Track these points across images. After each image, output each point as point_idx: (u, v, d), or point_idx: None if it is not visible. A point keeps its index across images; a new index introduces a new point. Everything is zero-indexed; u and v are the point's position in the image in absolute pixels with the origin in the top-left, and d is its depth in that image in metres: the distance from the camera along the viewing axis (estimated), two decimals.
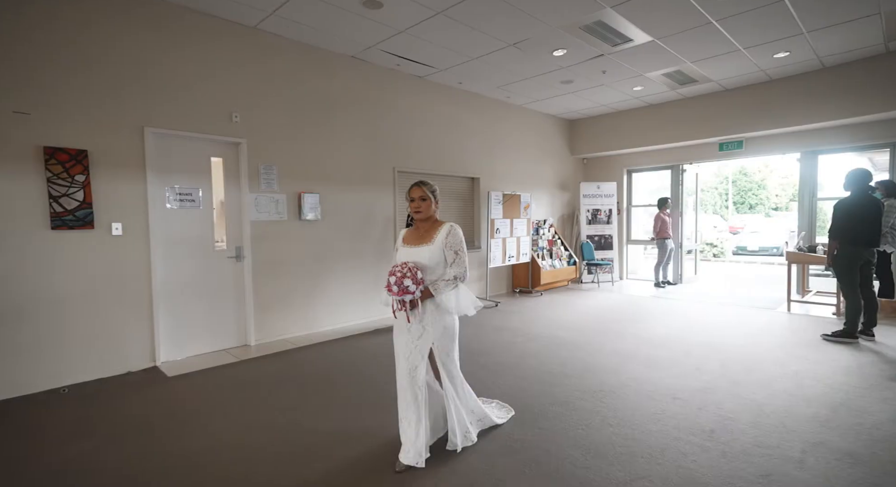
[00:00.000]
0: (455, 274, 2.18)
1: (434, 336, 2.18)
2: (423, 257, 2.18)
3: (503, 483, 1.99)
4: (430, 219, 2.28)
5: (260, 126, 4.28)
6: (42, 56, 3.15)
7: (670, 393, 2.96)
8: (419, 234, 2.26)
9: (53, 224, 3.20)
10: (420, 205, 2.23)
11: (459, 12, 3.92)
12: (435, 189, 2.29)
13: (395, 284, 2.08)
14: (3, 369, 3.03)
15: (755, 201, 25.72)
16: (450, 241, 2.19)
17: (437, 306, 2.16)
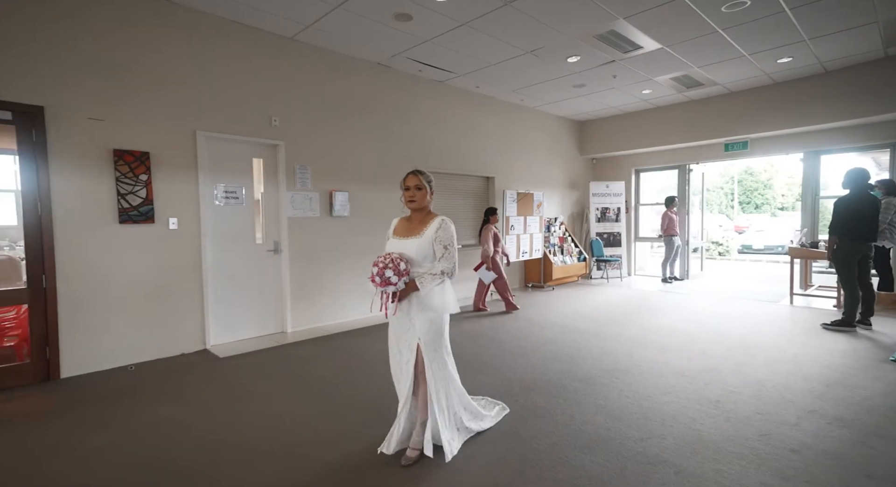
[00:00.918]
0: (443, 269, 2.10)
1: (420, 331, 2.10)
2: (411, 249, 2.11)
3: (536, 441, 2.30)
4: (424, 209, 2.21)
5: (296, 129, 4.62)
6: (114, 70, 3.50)
7: (679, 372, 3.26)
8: (410, 226, 2.20)
9: (121, 219, 3.55)
10: (415, 193, 2.15)
11: (482, 23, 4.23)
12: (431, 179, 2.22)
13: (378, 275, 2.01)
14: (81, 347, 3.39)
15: (761, 201, 25.83)
16: (440, 235, 2.11)
17: (421, 300, 2.10)
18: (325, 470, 2.05)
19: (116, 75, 3.52)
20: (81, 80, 3.36)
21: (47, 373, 3.27)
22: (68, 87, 3.31)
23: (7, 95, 3.06)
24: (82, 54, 3.36)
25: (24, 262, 5.08)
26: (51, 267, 3.26)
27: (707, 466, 2.04)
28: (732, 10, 4.01)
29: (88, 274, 3.42)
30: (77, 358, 3.38)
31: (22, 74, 3.13)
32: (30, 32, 3.15)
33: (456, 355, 3.71)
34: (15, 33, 3.09)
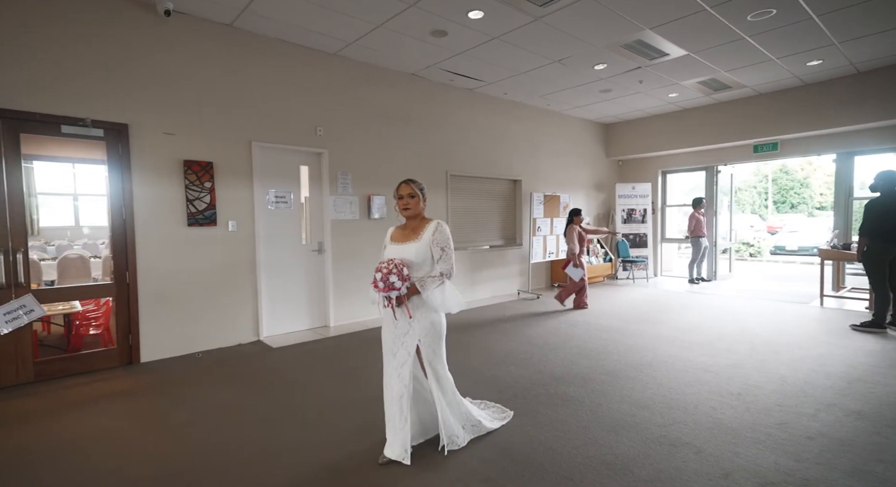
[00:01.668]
0: (442, 271, 2.16)
1: (420, 333, 2.16)
2: (410, 254, 2.17)
3: (566, 424, 2.54)
4: (418, 216, 2.27)
5: (338, 137, 4.98)
6: (184, 90, 3.93)
7: (703, 367, 3.43)
8: (406, 232, 2.26)
9: (189, 222, 3.98)
10: (409, 202, 2.22)
11: (512, 37, 4.48)
12: (423, 186, 2.29)
13: (381, 280, 2.06)
14: (156, 335, 3.83)
15: (797, 200, 24.93)
16: (436, 238, 2.17)
17: (423, 303, 2.16)
18: (359, 451, 2.35)
19: (185, 94, 3.95)
20: (158, 99, 3.80)
21: (130, 358, 3.73)
22: (147, 107, 3.75)
23: (99, 115, 3.52)
24: (160, 77, 3.80)
25: (92, 260, 5.65)
26: (132, 264, 3.71)
27: (725, 448, 2.24)
28: (758, 18, 4.12)
29: (162, 270, 3.86)
30: (154, 345, 3.82)
31: (111, 96, 3.58)
32: (119, 60, 3.60)
33: (487, 348, 4.01)
34: (106, 61, 3.55)
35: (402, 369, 2.17)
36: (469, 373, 3.38)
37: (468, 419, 2.34)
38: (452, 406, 2.28)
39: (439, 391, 2.22)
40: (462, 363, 3.63)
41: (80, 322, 4.01)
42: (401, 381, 2.16)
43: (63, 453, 2.31)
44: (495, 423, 2.48)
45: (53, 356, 3.52)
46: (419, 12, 3.92)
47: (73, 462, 2.22)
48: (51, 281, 4.45)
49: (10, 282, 3.22)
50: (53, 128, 3.35)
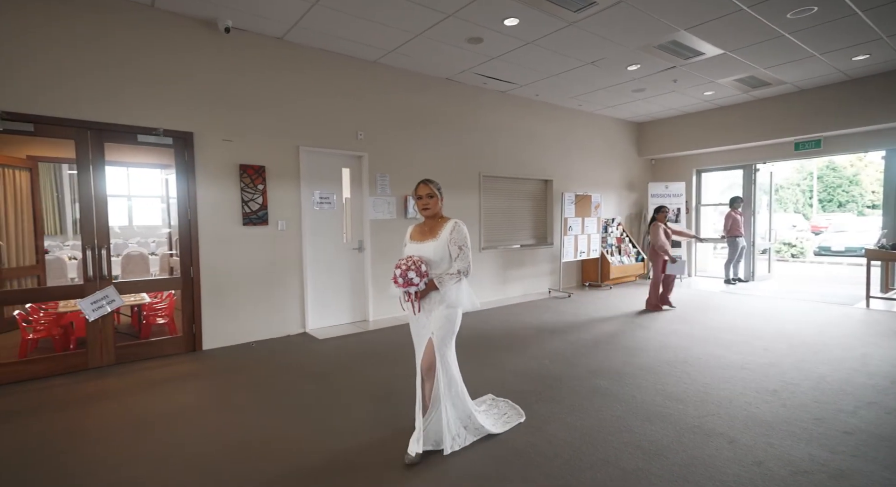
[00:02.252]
0: (459, 269, 2.22)
1: (434, 326, 2.23)
2: (429, 252, 2.24)
3: (601, 413, 2.67)
4: (437, 215, 2.33)
5: (377, 141, 5.24)
6: (240, 99, 4.27)
7: (738, 365, 3.46)
8: (425, 230, 2.33)
9: (244, 221, 4.32)
10: (428, 202, 2.28)
11: (546, 41, 4.60)
12: (440, 187, 2.35)
13: (401, 277, 2.16)
14: (216, 325, 4.19)
15: (846, 198, 23.60)
16: (454, 237, 2.22)
17: (441, 298, 2.23)
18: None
19: (241, 103, 4.29)
20: (218, 109, 4.16)
21: (193, 345, 4.09)
22: (209, 116, 4.11)
23: (168, 125, 3.89)
24: (219, 88, 4.15)
25: (152, 257, 6.12)
26: (196, 260, 4.07)
27: (759, 440, 2.32)
28: (799, 16, 4.09)
29: (221, 266, 4.21)
30: (214, 334, 4.18)
31: (178, 107, 3.95)
32: (184, 74, 3.96)
33: (521, 343, 4.15)
34: (174, 75, 3.92)
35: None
36: (505, 366, 3.54)
37: (471, 420, 2.34)
38: (456, 403, 2.29)
39: (445, 387, 2.23)
40: (496, 357, 3.80)
41: (147, 313, 4.42)
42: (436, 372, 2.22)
43: (144, 426, 2.63)
44: (500, 427, 2.43)
45: (128, 342, 3.92)
46: (457, 21, 4.11)
47: (154, 433, 2.54)
48: (115, 276, 4.91)
49: (96, 275, 3.63)
50: (131, 137, 3.74)
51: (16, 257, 4.44)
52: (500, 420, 2.52)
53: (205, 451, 2.32)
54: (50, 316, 3.96)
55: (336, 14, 3.95)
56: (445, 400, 2.23)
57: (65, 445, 2.39)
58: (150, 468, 2.16)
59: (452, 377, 2.30)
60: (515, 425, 2.49)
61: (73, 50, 3.47)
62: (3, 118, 3.18)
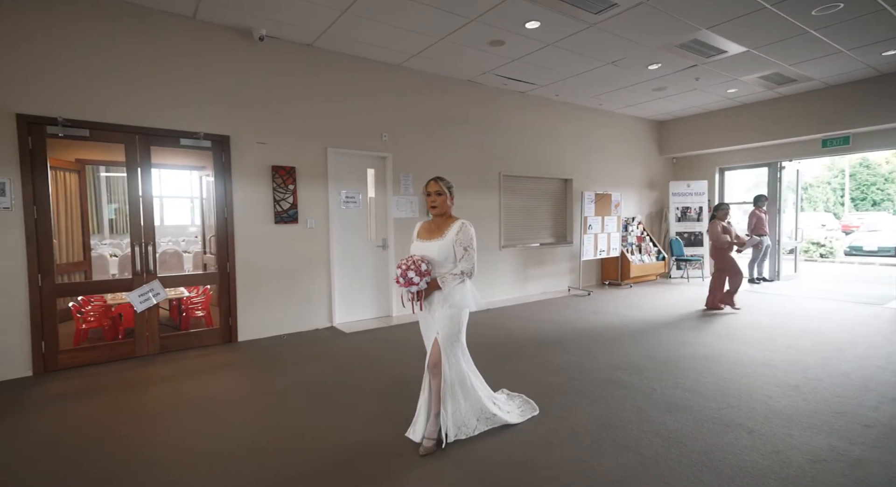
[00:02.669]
0: (463, 270, 2.22)
1: (439, 325, 2.25)
2: (433, 251, 2.23)
3: (621, 404, 2.76)
4: (445, 214, 2.32)
5: (400, 142, 5.41)
6: (273, 104, 4.49)
7: (760, 362, 3.48)
8: (432, 229, 2.32)
9: (276, 220, 4.54)
10: (436, 199, 2.28)
11: (567, 43, 4.68)
12: (451, 185, 2.34)
13: (401, 276, 2.16)
14: (250, 318, 4.42)
15: (881, 196, 22.71)
16: (460, 237, 2.22)
17: (443, 298, 2.23)
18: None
19: (273, 107, 4.51)
20: (253, 113, 4.39)
21: (229, 337, 4.33)
22: (244, 120, 4.34)
23: (207, 128, 4.14)
24: (253, 93, 4.38)
25: (185, 255, 6.42)
26: (232, 256, 4.31)
27: (778, 431, 2.37)
28: (825, 12, 4.06)
29: (254, 263, 4.44)
30: (248, 327, 4.41)
31: (216, 112, 4.19)
32: (222, 80, 4.20)
33: (540, 338, 4.24)
34: (212, 81, 4.16)
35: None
36: (526, 359, 3.65)
37: (483, 412, 2.37)
38: (469, 396, 2.32)
39: (451, 384, 2.26)
40: (517, 350, 3.91)
41: (186, 306, 4.69)
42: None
43: (194, 408, 2.84)
44: (515, 418, 2.48)
45: (170, 333, 4.19)
46: (479, 25, 4.24)
47: (203, 415, 2.75)
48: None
49: (143, 270, 3.89)
50: (174, 141, 3.99)
51: (66, 254, 4.77)
52: (515, 412, 2.57)
53: (248, 430, 2.51)
54: (99, 308, 4.25)
55: (363, 21, 4.12)
56: (454, 396, 2.26)
57: (128, 423, 2.62)
58: (207, 443, 2.36)
59: (462, 374, 2.30)
60: (529, 417, 2.54)
61: (122, 61, 3.73)
62: (63, 124, 3.46)
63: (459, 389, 2.29)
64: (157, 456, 2.24)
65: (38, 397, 3.03)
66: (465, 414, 2.31)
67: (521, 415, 2.55)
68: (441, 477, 2.01)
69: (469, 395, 2.33)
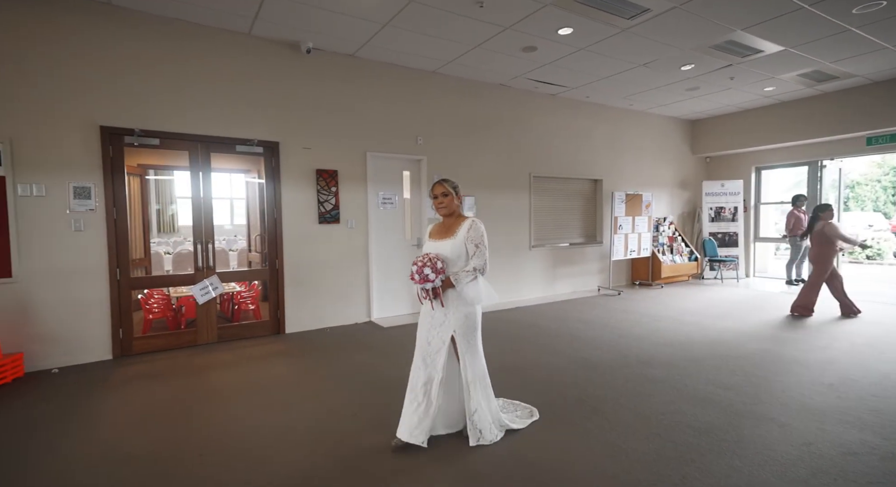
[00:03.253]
0: (475, 266, 2.25)
1: (455, 324, 2.26)
2: (446, 250, 2.27)
3: (652, 398, 2.87)
4: (454, 213, 2.37)
5: (434, 145, 5.63)
6: (318, 111, 4.80)
7: (795, 360, 3.50)
8: (444, 229, 2.37)
9: (320, 220, 4.85)
10: (443, 200, 2.33)
11: (599, 47, 4.78)
12: (456, 185, 2.38)
13: (417, 273, 2.19)
14: (297, 312, 4.75)
15: None
16: (471, 235, 2.26)
17: (457, 295, 2.25)
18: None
19: (318, 115, 4.82)
20: (299, 121, 4.70)
21: (278, 329, 4.67)
22: (292, 127, 4.66)
23: (260, 135, 4.47)
24: (299, 101, 4.70)
25: (231, 253, 6.83)
26: (280, 254, 4.64)
27: (811, 426, 2.44)
28: (866, 10, 4.01)
29: (299, 260, 4.76)
30: (295, 320, 4.74)
31: (267, 120, 4.52)
32: (272, 90, 4.53)
33: (572, 336, 4.37)
34: (263, 91, 4.49)
35: (435, 356, 2.27)
36: (558, 355, 3.80)
37: (497, 416, 2.38)
38: (487, 400, 2.33)
39: (472, 384, 2.28)
40: (549, 345, 4.06)
41: (238, 300, 5.07)
42: (432, 367, 2.26)
43: (254, 390, 3.14)
44: (519, 423, 2.48)
45: (225, 324, 4.55)
46: (513, 33, 4.40)
47: (263, 395, 3.04)
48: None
49: (203, 266, 4.26)
50: (231, 147, 4.35)
51: (131, 251, 5.23)
52: (517, 417, 2.55)
53: (304, 408, 2.78)
54: (162, 300, 4.67)
55: (402, 32, 4.36)
56: (476, 396, 2.28)
57: (201, 401, 2.95)
58: (270, 419, 2.64)
59: (480, 374, 2.32)
60: (530, 423, 2.52)
61: (187, 75, 4.10)
62: (139, 135, 3.85)
63: (481, 389, 2.30)
64: (231, 431, 2.53)
65: (121, 378, 3.42)
66: (487, 416, 2.30)
67: (523, 421, 2.52)
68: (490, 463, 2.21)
69: (488, 395, 2.35)
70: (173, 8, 3.84)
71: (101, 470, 2.14)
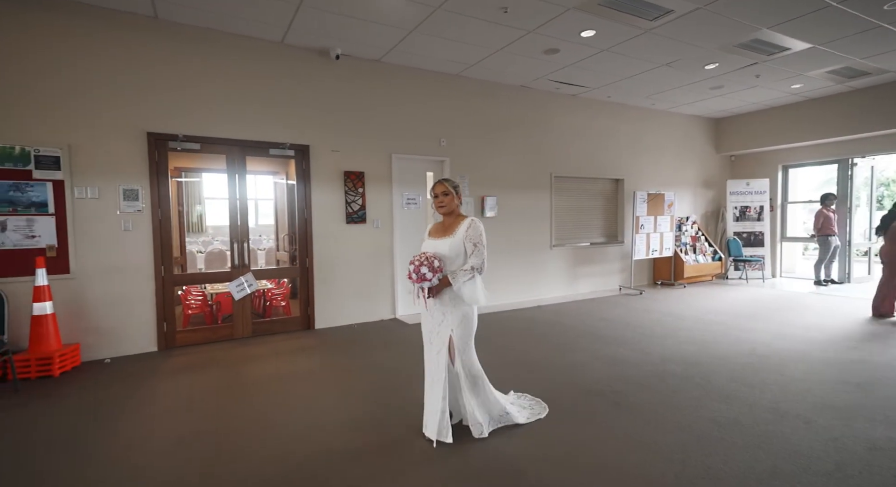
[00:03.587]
0: (473, 265, 2.25)
1: (453, 323, 2.29)
2: (444, 249, 2.29)
3: (676, 394, 2.92)
4: (454, 213, 2.39)
5: (457, 146, 5.75)
6: (344, 115, 4.98)
7: (821, 360, 3.49)
8: (443, 227, 2.40)
9: (347, 220, 5.03)
10: (443, 199, 2.36)
11: (622, 47, 4.82)
12: (457, 185, 2.41)
13: (414, 272, 2.20)
14: (325, 308, 4.94)
15: None
16: (469, 234, 2.27)
17: (455, 295, 2.27)
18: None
19: (346, 118, 5.00)
20: (328, 124, 4.89)
21: (308, 324, 4.87)
22: (321, 131, 4.85)
23: (291, 139, 4.68)
24: (328, 106, 4.88)
25: (259, 252, 7.07)
26: (310, 252, 4.84)
27: (836, 422, 2.46)
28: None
29: (328, 259, 4.95)
30: (323, 316, 4.93)
31: (298, 125, 4.72)
32: (303, 95, 4.73)
33: (594, 334, 4.44)
34: (295, 96, 4.69)
35: (438, 356, 2.30)
36: (581, 351, 3.87)
37: (495, 409, 2.41)
38: (480, 396, 2.37)
39: (466, 381, 2.32)
40: (571, 343, 4.13)
41: (269, 297, 5.30)
42: (438, 368, 2.29)
43: (290, 379, 3.32)
44: (524, 418, 2.51)
45: (258, 320, 4.77)
46: (536, 36, 4.49)
47: (299, 385, 3.21)
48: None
49: (239, 263, 4.49)
50: (264, 151, 4.56)
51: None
52: (524, 411, 2.59)
53: (335, 397, 2.94)
54: (200, 296, 4.92)
55: (427, 38, 4.50)
56: (470, 395, 2.33)
57: (239, 389, 3.14)
58: (303, 405, 2.81)
59: (475, 373, 2.36)
60: (536, 419, 2.53)
61: (224, 82, 4.33)
62: (181, 140, 4.10)
63: (474, 389, 2.35)
64: (270, 415, 2.71)
65: (168, 368, 3.65)
66: (481, 413, 2.36)
67: (530, 416, 2.55)
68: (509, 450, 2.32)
69: (480, 393, 2.38)
70: (213, 20, 4.07)
71: (157, 449, 2.34)
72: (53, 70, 3.65)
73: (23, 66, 3.56)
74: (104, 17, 3.82)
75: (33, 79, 3.59)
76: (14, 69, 3.54)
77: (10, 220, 3.53)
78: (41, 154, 3.60)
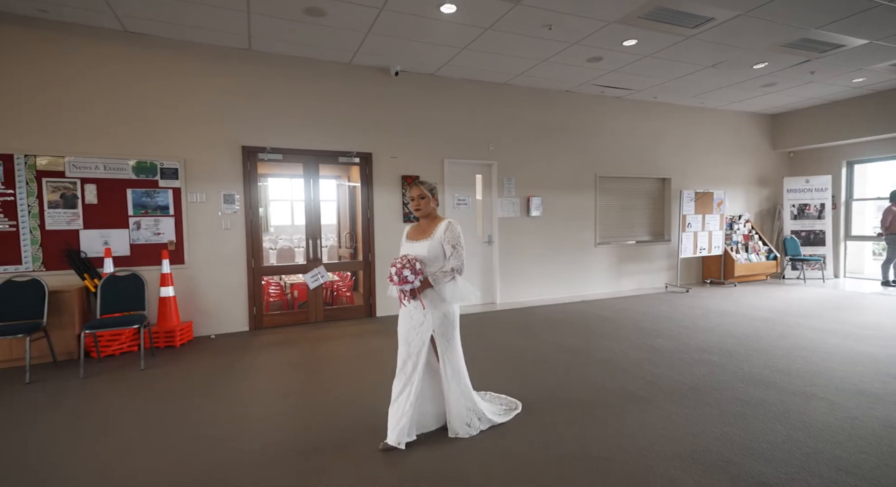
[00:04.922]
0: (452, 267, 2.29)
1: (434, 324, 2.29)
2: (423, 251, 2.31)
3: (707, 377, 3.17)
4: (430, 215, 2.42)
5: (504, 150, 6.15)
6: (401, 125, 5.55)
7: (865, 354, 3.56)
8: (420, 230, 2.42)
9: (404, 219, 5.60)
10: (419, 203, 2.38)
11: (664, 53, 5.01)
12: (433, 188, 2.43)
13: (396, 275, 2.21)
14: (385, 299, 5.53)
15: None
16: (447, 236, 2.30)
17: (436, 296, 2.29)
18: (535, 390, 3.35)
19: (403, 127, 5.57)
20: (387, 134, 5.48)
21: (370, 312, 5.49)
22: (382, 139, 5.45)
23: (356, 148, 5.31)
24: (387, 116, 5.47)
25: (322, 249, 7.74)
26: (373, 248, 5.45)
27: (862, 406, 2.63)
28: None
29: (388, 253, 5.53)
30: (383, 305, 5.53)
31: (363, 135, 5.35)
32: (366, 109, 5.35)
33: (637, 327, 4.69)
34: (359, 109, 5.32)
35: (416, 358, 2.28)
36: (622, 341, 4.16)
37: (477, 410, 2.42)
38: (466, 397, 2.38)
39: (452, 381, 2.34)
40: (612, 333, 4.42)
41: (336, 287, 5.98)
42: (415, 371, 2.27)
43: (360, 356, 3.91)
44: (502, 417, 2.52)
45: (327, 307, 5.45)
46: (579, 47, 4.80)
47: (368, 360, 3.78)
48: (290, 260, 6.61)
49: (314, 257, 5.18)
50: (334, 158, 5.23)
51: None
52: (500, 410, 2.62)
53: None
54: (278, 286, 5.69)
55: (477, 54, 4.95)
56: (454, 392, 2.33)
57: (320, 362, 3.77)
58: (370, 376, 3.36)
59: (458, 371, 2.37)
60: (513, 416, 2.57)
61: (303, 100, 5.03)
62: (268, 151, 4.84)
63: (456, 386, 2.34)
64: (345, 383, 3.28)
65: (259, 343, 4.38)
66: (467, 412, 2.37)
67: (507, 413, 2.59)
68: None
69: (465, 392, 2.39)
70: (296, 49, 4.76)
71: (265, 403, 2.97)
72: (172, 103, 4.49)
73: (158, 100, 4.43)
74: (210, 54, 4.61)
75: (158, 109, 4.44)
76: (151, 105, 4.41)
77: (143, 221, 4.40)
78: (165, 166, 4.45)
